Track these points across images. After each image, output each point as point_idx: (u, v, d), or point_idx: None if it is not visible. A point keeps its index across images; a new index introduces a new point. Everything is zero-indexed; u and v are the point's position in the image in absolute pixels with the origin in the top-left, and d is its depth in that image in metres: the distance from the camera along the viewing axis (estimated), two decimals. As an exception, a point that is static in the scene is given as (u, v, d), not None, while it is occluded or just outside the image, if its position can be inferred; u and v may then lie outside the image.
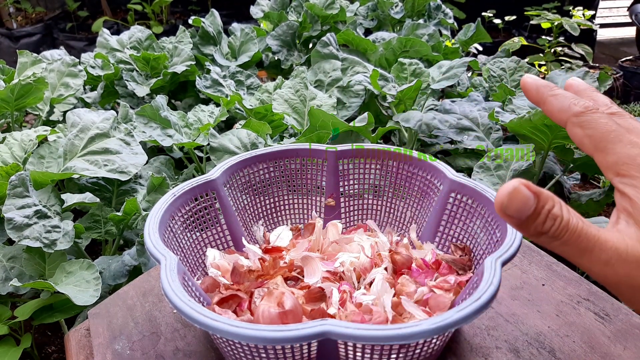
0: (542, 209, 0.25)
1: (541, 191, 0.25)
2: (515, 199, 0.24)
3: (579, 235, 0.25)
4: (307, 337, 0.35)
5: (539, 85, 0.32)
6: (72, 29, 3.23)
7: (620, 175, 0.28)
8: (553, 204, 0.25)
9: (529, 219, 0.25)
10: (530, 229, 0.25)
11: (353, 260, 0.51)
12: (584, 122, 0.29)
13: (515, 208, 0.25)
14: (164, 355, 0.49)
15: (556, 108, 0.31)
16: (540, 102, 0.32)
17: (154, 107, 1.19)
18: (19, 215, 0.84)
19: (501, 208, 0.25)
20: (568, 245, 0.26)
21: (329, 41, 1.58)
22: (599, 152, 0.29)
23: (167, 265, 0.42)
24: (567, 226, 0.25)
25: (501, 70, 1.56)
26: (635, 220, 0.27)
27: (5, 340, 0.94)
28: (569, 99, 0.30)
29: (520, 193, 0.24)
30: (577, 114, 0.30)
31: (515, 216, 0.25)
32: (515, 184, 0.24)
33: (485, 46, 2.41)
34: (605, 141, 0.29)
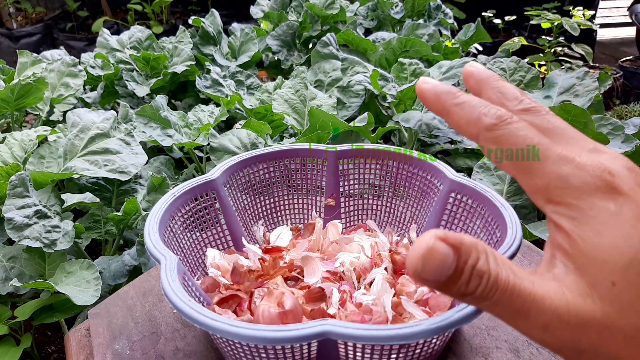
0: (464, 266, 0.20)
1: (462, 242, 0.20)
2: (431, 260, 0.20)
3: (511, 294, 0.20)
4: (307, 337, 0.35)
5: (439, 91, 0.26)
6: (72, 29, 3.23)
7: (552, 203, 0.23)
8: (477, 257, 0.20)
9: (449, 281, 0.20)
10: (453, 290, 0.21)
11: (353, 260, 0.51)
12: (499, 138, 0.24)
13: (431, 271, 0.20)
14: (164, 355, 0.49)
15: (463, 120, 0.25)
16: (444, 113, 0.26)
17: (154, 107, 1.19)
18: (19, 215, 0.84)
19: (415, 273, 0.20)
20: (499, 306, 0.21)
21: (329, 41, 1.58)
22: (522, 174, 0.24)
23: (167, 265, 0.42)
24: (497, 283, 0.20)
25: (501, 70, 1.56)
26: (575, 263, 0.22)
27: (5, 340, 0.94)
28: (477, 108, 0.24)
29: (437, 252, 0.20)
30: (489, 127, 0.24)
31: (432, 279, 0.20)
32: (429, 242, 0.20)
33: (485, 46, 2.41)
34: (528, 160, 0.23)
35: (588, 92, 1.22)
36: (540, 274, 0.22)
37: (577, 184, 0.22)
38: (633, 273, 0.20)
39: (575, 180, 0.22)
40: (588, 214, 0.21)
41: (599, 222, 0.21)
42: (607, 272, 0.20)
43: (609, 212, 0.21)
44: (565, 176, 0.22)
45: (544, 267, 0.23)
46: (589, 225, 0.21)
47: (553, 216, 0.23)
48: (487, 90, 0.27)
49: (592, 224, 0.21)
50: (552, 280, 0.21)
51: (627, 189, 0.22)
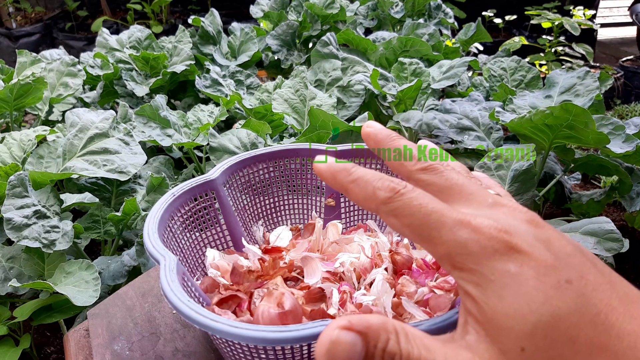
0: (374, 350, 0.20)
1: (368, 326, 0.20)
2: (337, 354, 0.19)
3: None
4: (307, 338, 0.35)
5: (333, 170, 0.26)
6: (72, 29, 3.23)
7: (457, 269, 0.22)
8: (387, 338, 0.20)
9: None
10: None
11: (353, 261, 0.51)
12: (397, 211, 0.23)
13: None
14: (163, 355, 0.49)
15: (360, 197, 0.25)
16: (343, 191, 0.26)
17: (154, 106, 1.19)
18: (18, 215, 0.84)
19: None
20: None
21: (329, 41, 1.58)
22: (424, 243, 0.23)
23: (167, 265, 0.42)
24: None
25: (502, 70, 1.56)
26: (485, 330, 0.21)
27: (4, 341, 0.93)
28: (371, 182, 0.24)
29: (342, 344, 0.19)
30: (385, 201, 0.23)
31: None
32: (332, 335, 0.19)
33: (486, 46, 2.40)
34: (427, 229, 0.23)
35: (589, 92, 1.22)
36: (455, 340, 0.22)
37: (475, 249, 0.21)
38: (540, 337, 0.20)
39: (473, 245, 0.21)
40: (490, 279, 0.21)
41: (501, 286, 0.21)
42: (515, 339, 0.20)
43: (510, 275, 0.21)
44: (463, 242, 0.22)
45: (459, 332, 0.22)
46: (492, 290, 0.21)
47: (460, 282, 0.22)
48: (385, 151, 0.27)
49: (495, 288, 0.21)
50: (465, 349, 0.21)
51: (525, 246, 0.21)
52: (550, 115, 1.00)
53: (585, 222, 0.89)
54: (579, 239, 0.86)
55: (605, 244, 0.84)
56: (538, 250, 0.21)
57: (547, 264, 0.21)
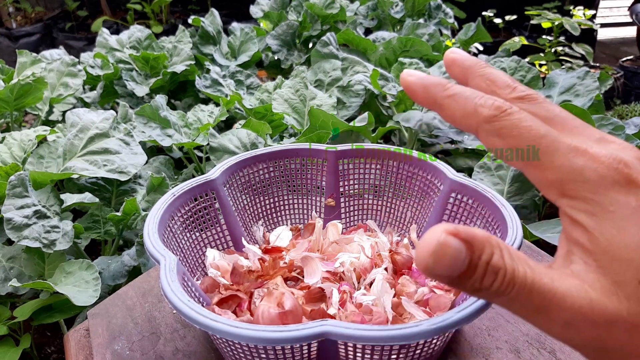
0: (478, 261, 0.19)
1: (474, 236, 0.19)
2: (443, 256, 0.18)
3: (530, 290, 0.19)
4: (307, 338, 0.35)
5: (427, 83, 0.24)
6: (72, 29, 3.23)
7: (567, 197, 0.21)
8: (492, 252, 0.19)
9: (462, 276, 0.19)
10: (467, 286, 0.19)
11: (353, 261, 0.51)
12: (502, 130, 0.22)
13: (444, 267, 0.19)
14: (163, 355, 0.49)
15: (458, 113, 0.23)
16: (435, 107, 0.24)
17: (154, 106, 1.19)
18: (18, 215, 0.84)
19: (426, 269, 0.19)
20: (516, 303, 0.20)
21: (329, 41, 1.58)
22: (530, 168, 0.22)
23: (167, 265, 0.42)
24: (513, 280, 0.19)
25: (502, 70, 1.56)
26: (596, 261, 0.20)
27: (4, 341, 0.93)
28: (472, 99, 0.23)
29: (448, 248, 0.18)
30: (489, 119, 0.22)
31: (445, 275, 0.19)
32: (440, 237, 0.18)
33: (486, 46, 2.40)
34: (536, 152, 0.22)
35: (589, 92, 1.22)
36: (557, 269, 0.21)
37: (593, 177, 0.21)
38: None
39: (591, 173, 0.21)
40: (608, 209, 0.20)
41: (620, 218, 0.20)
42: (633, 271, 0.20)
43: (630, 208, 0.20)
44: (579, 169, 0.21)
45: (560, 262, 0.22)
46: (609, 221, 0.20)
47: (568, 211, 0.21)
48: (475, 78, 0.25)
49: (613, 220, 0.20)
50: (571, 277, 0.20)
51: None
52: (550, 115, 1.00)
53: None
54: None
55: (605, 244, 0.84)
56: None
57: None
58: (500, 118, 0.22)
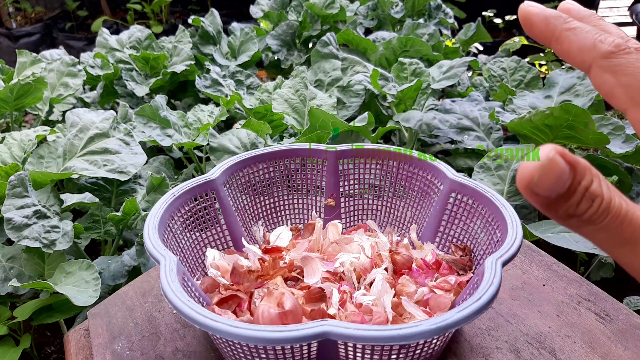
0: (578, 186, 0.19)
1: (577, 161, 0.19)
2: (549, 173, 0.18)
3: (622, 221, 0.20)
4: (307, 338, 0.35)
5: (548, 15, 0.24)
6: (72, 29, 3.23)
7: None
8: (592, 179, 0.19)
9: (560, 199, 0.19)
10: (560, 210, 0.19)
11: (353, 261, 0.51)
12: (618, 67, 0.22)
13: (546, 185, 0.18)
14: (163, 355, 0.49)
15: (575, 47, 0.23)
16: (552, 39, 0.24)
17: (154, 106, 1.19)
18: (18, 215, 0.84)
19: (528, 184, 0.18)
20: (606, 232, 0.20)
21: (329, 41, 1.58)
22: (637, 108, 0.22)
23: (167, 265, 0.42)
24: (608, 209, 0.19)
25: (502, 70, 1.56)
26: None
27: (4, 341, 0.93)
28: (592, 34, 0.23)
29: (556, 166, 0.18)
30: (607, 54, 0.22)
31: (544, 194, 0.19)
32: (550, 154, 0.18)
33: (486, 46, 2.40)
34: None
35: (589, 92, 1.22)
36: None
37: None
38: None
39: None
40: None
41: None
42: None
43: None
44: None
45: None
46: None
47: None
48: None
49: None
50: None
51: None
52: (550, 115, 1.00)
53: (585, 222, 0.89)
54: (578, 239, 0.86)
55: (605, 244, 0.84)
56: None
57: None
58: (618, 55, 0.22)
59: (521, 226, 0.45)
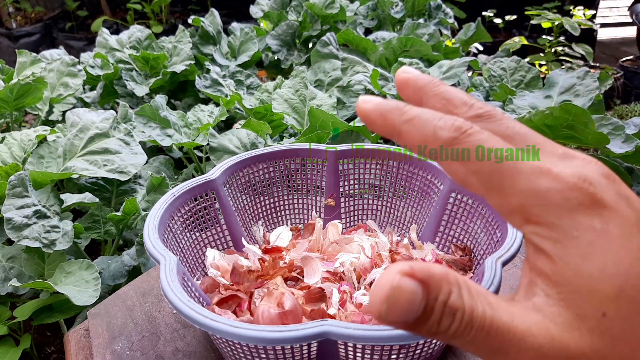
0: (435, 303, 0.17)
1: (430, 274, 0.17)
2: (397, 302, 0.17)
3: (488, 332, 0.18)
4: (307, 338, 0.35)
5: (384, 109, 0.22)
6: (72, 29, 3.23)
7: (531, 223, 0.20)
8: (449, 291, 0.18)
9: (418, 321, 0.18)
10: (422, 331, 0.18)
11: (353, 261, 0.51)
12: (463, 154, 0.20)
13: (398, 314, 0.17)
14: (163, 355, 0.49)
15: (417, 139, 0.21)
16: (394, 135, 0.22)
17: (153, 106, 1.19)
18: (18, 215, 0.84)
19: (379, 317, 0.17)
20: (473, 345, 0.18)
21: (329, 41, 1.58)
22: (493, 193, 0.20)
23: (167, 265, 0.42)
24: (472, 321, 0.18)
25: (501, 70, 1.56)
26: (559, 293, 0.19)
27: (4, 341, 0.93)
28: (431, 121, 0.21)
29: (403, 292, 0.17)
30: (449, 142, 0.20)
31: (399, 321, 0.17)
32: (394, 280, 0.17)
33: (486, 46, 2.40)
34: (499, 176, 0.20)
35: (588, 92, 1.22)
36: (518, 301, 0.20)
37: (557, 200, 0.19)
38: (624, 301, 0.18)
39: (555, 196, 0.19)
40: (572, 235, 0.19)
41: (585, 243, 0.19)
42: (597, 302, 0.18)
43: (595, 231, 0.19)
44: (543, 192, 0.19)
45: (522, 294, 0.20)
46: (574, 247, 0.19)
47: (533, 238, 0.20)
48: (430, 98, 0.24)
49: (578, 246, 0.19)
50: (533, 311, 0.19)
51: (609, 200, 0.19)
52: (550, 115, 1.00)
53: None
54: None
55: (605, 244, 0.84)
56: (622, 207, 0.19)
57: (632, 222, 0.19)
58: (461, 140, 0.20)
59: (521, 226, 0.45)
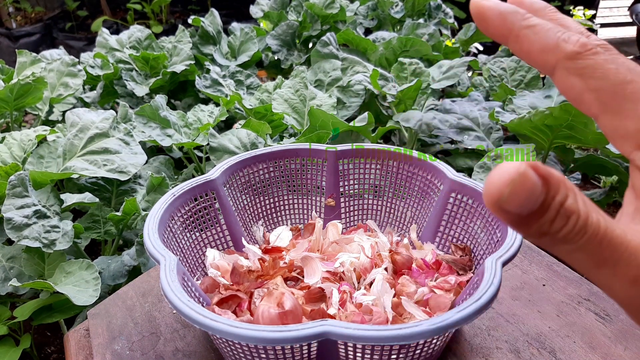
0: (552, 201, 0.17)
1: (550, 174, 0.17)
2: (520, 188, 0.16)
3: (601, 240, 0.17)
4: (307, 338, 0.35)
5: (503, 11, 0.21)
6: (72, 29, 3.23)
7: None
8: (567, 194, 0.17)
9: (532, 216, 0.17)
10: (532, 228, 0.17)
11: (353, 261, 0.51)
12: (586, 69, 0.20)
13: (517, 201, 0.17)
14: (163, 355, 0.49)
15: (537, 47, 0.21)
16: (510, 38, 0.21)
17: (153, 106, 1.19)
18: (18, 215, 0.84)
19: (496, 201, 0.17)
20: (583, 252, 0.18)
21: (329, 41, 1.58)
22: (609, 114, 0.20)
23: (167, 265, 0.42)
24: (585, 227, 0.17)
25: (501, 69, 1.56)
26: None
27: (4, 341, 0.93)
28: (555, 33, 0.20)
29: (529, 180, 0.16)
30: (572, 55, 0.20)
31: (514, 211, 0.17)
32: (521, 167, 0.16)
33: (486, 46, 2.40)
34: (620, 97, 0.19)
35: (588, 92, 1.22)
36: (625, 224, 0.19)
37: None
38: None
39: None
40: None
41: None
42: None
43: None
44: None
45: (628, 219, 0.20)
46: None
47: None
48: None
49: None
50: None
51: None
52: (550, 115, 1.00)
53: (585, 222, 0.89)
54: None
55: (605, 244, 0.84)
56: None
57: None
58: (585, 56, 0.20)
59: (521, 226, 0.45)
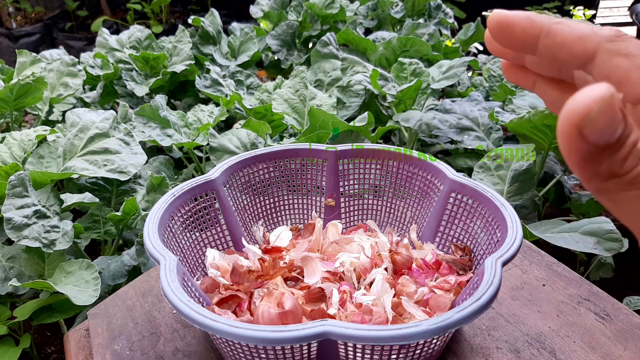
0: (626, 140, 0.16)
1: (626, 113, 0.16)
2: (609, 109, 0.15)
3: None
4: (307, 338, 0.35)
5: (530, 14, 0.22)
6: (72, 29, 3.23)
7: None
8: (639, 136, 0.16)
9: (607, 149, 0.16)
10: (603, 165, 0.16)
11: (353, 261, 0.51)
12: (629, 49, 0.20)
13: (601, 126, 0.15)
14: (163, 355, 0.49)
15: (574, 35, 0.21)
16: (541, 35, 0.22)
17: (153, 106, 1.19)
18: (18, 215, 0.84)
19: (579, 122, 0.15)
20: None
21: (329, 41, 1.58)
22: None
23: (167, 265, 0.42)
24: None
25: (501, 70, 1.56)
26: None
27: (4, 341, 0.93)
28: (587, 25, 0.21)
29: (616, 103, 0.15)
30: (612, 38, 0.20)
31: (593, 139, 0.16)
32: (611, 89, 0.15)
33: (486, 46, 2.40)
34: None
35: (588, 92, 1.22)
36: None
37: None
38: None
39: None
40: None
41: None
42: None
43: None
44: None
45: None
46: None
47: None
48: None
49: None
50: None
51: None
52: (549, 115, 1.00)
53: (585, 222, 0.89)
54: (578, 239, 0.86)
55: (605, 244, 0.84)
56: None
57: None
58: (623, 39, 0.20)
59: (521, 226, 0.45)
